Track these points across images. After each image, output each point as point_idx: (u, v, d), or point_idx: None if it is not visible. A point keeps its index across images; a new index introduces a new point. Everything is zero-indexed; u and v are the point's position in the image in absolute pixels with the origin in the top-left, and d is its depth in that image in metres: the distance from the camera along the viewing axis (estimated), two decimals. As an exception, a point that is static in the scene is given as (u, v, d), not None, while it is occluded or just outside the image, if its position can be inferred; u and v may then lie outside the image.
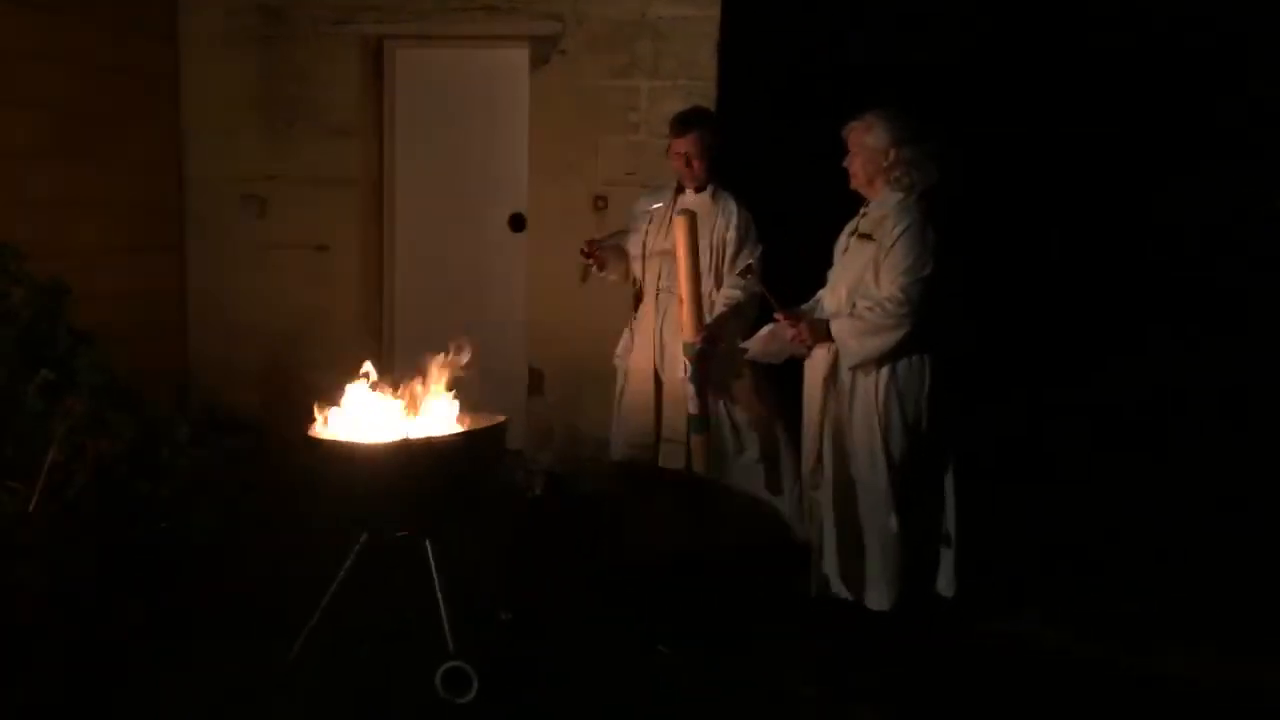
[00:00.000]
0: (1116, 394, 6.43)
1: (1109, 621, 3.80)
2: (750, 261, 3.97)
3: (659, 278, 4.05)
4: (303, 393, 5.41)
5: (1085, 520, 4.87)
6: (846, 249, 3.59)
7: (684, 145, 4.01)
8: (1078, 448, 5.89)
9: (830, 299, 3.60)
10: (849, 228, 3.63)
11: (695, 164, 4.01)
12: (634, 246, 4.16)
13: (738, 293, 3.96)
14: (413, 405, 3.35)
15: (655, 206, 4.10)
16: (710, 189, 4.07)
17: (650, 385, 4.07)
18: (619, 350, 4.25)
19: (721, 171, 4.11)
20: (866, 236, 3.50)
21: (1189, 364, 6.62)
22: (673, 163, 4.09)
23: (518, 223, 5.54)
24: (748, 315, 3.91)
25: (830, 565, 3.57)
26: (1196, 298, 6.95)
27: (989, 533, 4.29)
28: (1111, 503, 5.12)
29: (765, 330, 3.69)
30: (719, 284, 4.02)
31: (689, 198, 4.06)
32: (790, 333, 3.53)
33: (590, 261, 4.12)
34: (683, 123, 4.05)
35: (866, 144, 3.48)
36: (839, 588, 3.58)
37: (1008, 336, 5.57)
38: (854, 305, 3.45)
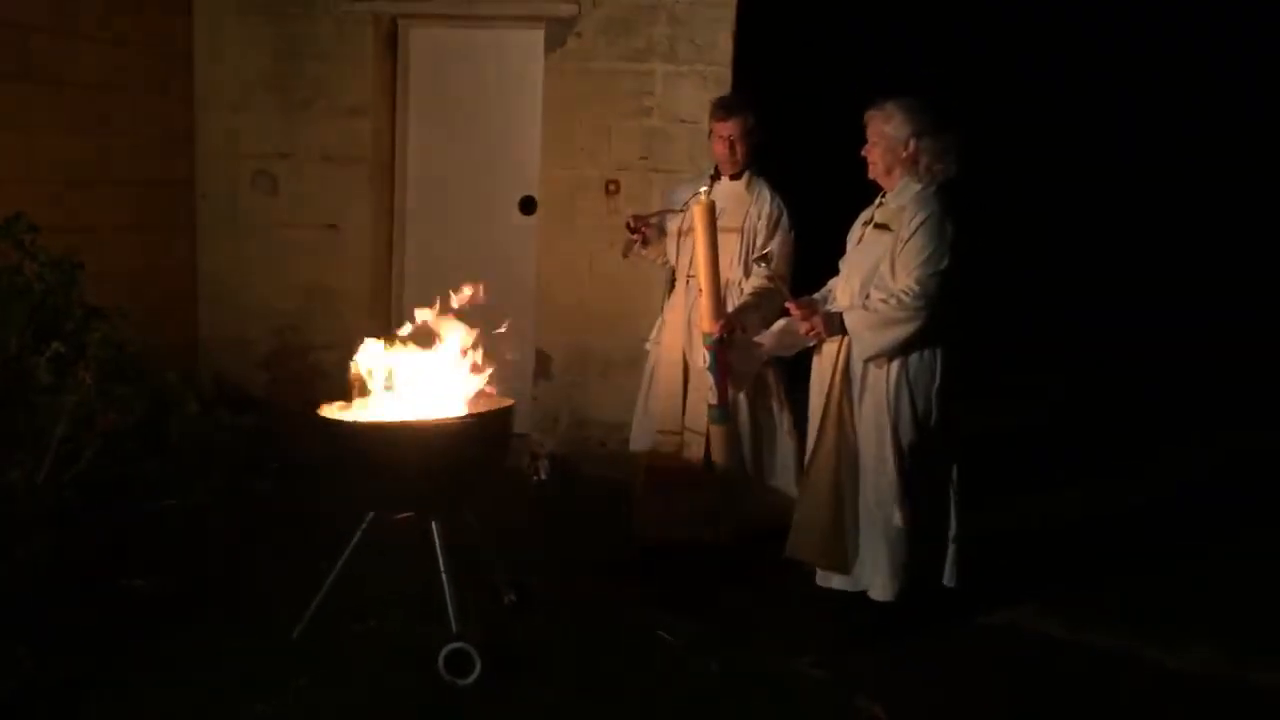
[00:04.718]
0: (1115, 387, 6.44)
1: (1108, 612, 3.80)
2: (767, 250, 3.95)
3: (690, 263, 4.00)
4: (311, 371, 5.47)
5: (1082, 511, 4.88)
6: (861, 238, 3.57)
7: (727, 129, 3.97)
8: (1075, 438, 5.91)
9: (843, 289, 3.58)
10: (863, 217, 3.61)
11: (738, 148, 3.97)
12: (670, 230, 4.13)
13: (762, 282, 3.93)
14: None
15: (695, 193, 4.03)
16: (745, 177, 4.03)
17: (680, 371, 4.03)
18: (652, 335, 4.21)
19: (760, 159, 4.08)
20: (883, 226, 3.47)
21: (1192, 356, 6.63)
22: (715, 147, 4.05)
23: (528, 205, 5.52)
24: (774, 305, 3.84)
25: (822, 555, 3.57)
26: (1193, 288, 6.95)
27: (989, 524, 4.31)
28: (1108, 493, 5.13)
29: (779, 325, 3.67)
30: (749, 273, 3.99)
31: (723, 186, 4.02)
32: (804, 326, 3.51)
33: (635, 237, 4.08)
34: (726, 107, 4.01)
35: (885, 133, 3.45)
36: (830, 580, 3.58)
37: (1003, 327, 5.57)
38: (868, 296, 3.43)
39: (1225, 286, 6.95)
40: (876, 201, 3.58)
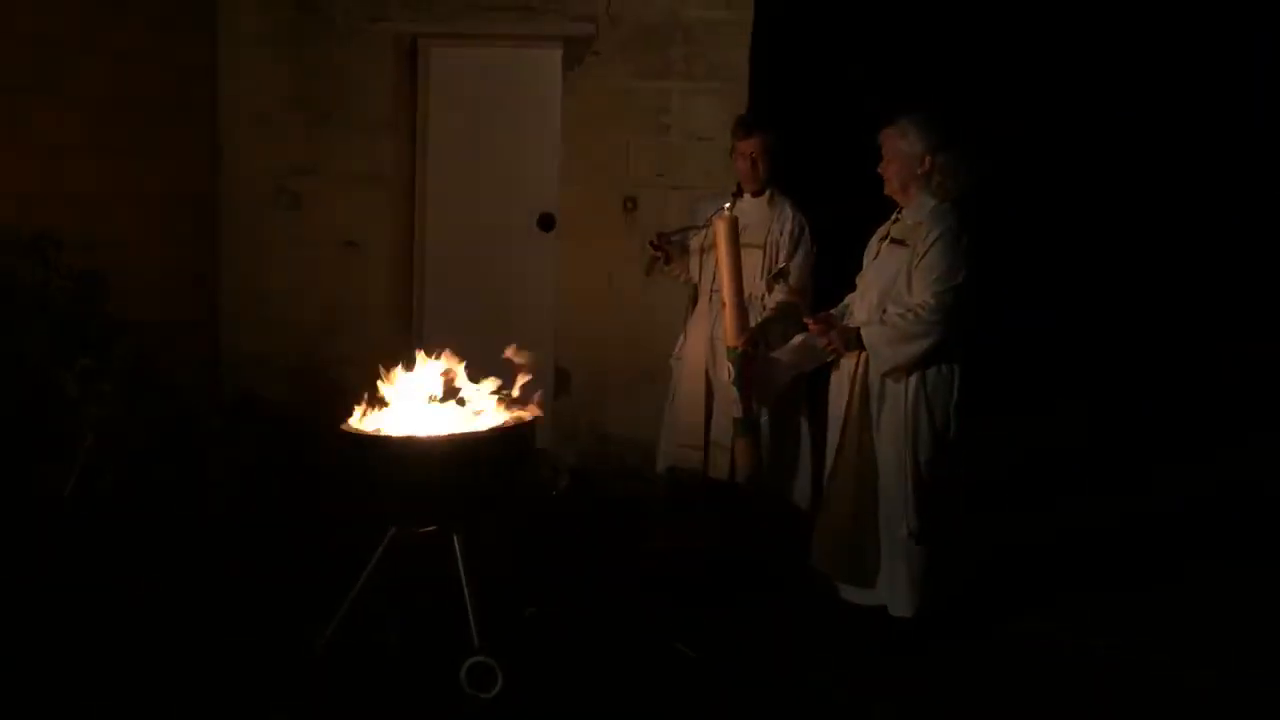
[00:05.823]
0: (1119, 398, 6.42)
1: (1121, 622, 3.81)
2: (783, 265, 3.97)
3: (713, 279, 4.03)
4: (332, 386, 5.51)
5: (1095, 520, 4.87)
6: (878, 254, 3.58)
7: (750, 147, 4.02)
8: (1080, 450, 5.91)
9: (860, 304, 3.59)
10: (880, 232, 3.63)
11: (760, 166, 4.02)
12: (693, 247, 4.16)
13: (785, 297, 3.96)
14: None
15: (718, 209, 3.96)
16: (768, 193, 4.07)
17: (702, 385, 4.06)
18: (675, 351, 4.24)
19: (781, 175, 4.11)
20: (899, 242, 3.49)
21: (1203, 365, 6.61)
22: (737, 164, 4.09)
23: (547, 222, 5.56)
24: (796, 319, 3.84)
25: (843, 569, 3.58)
26: (1196, 295, 6.90)
27: (1001, 535, 4.32)
28: (1115, 505, 5.12)
29: (797, 340, 3.69)
30: (771, 288, 4.02)
31: (746, 202, 4.06)
32: (822, 341, 3.53)
33: (658, 254, 4.12)
34: (748, 124, 4.06)
35: (901, 150, 3.47)
36: (850, 594, 3.59)
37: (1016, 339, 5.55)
38: (885, 311, 3.45)
39: (1226, 289, 6.91)
40: (893, 217, 3.60)
